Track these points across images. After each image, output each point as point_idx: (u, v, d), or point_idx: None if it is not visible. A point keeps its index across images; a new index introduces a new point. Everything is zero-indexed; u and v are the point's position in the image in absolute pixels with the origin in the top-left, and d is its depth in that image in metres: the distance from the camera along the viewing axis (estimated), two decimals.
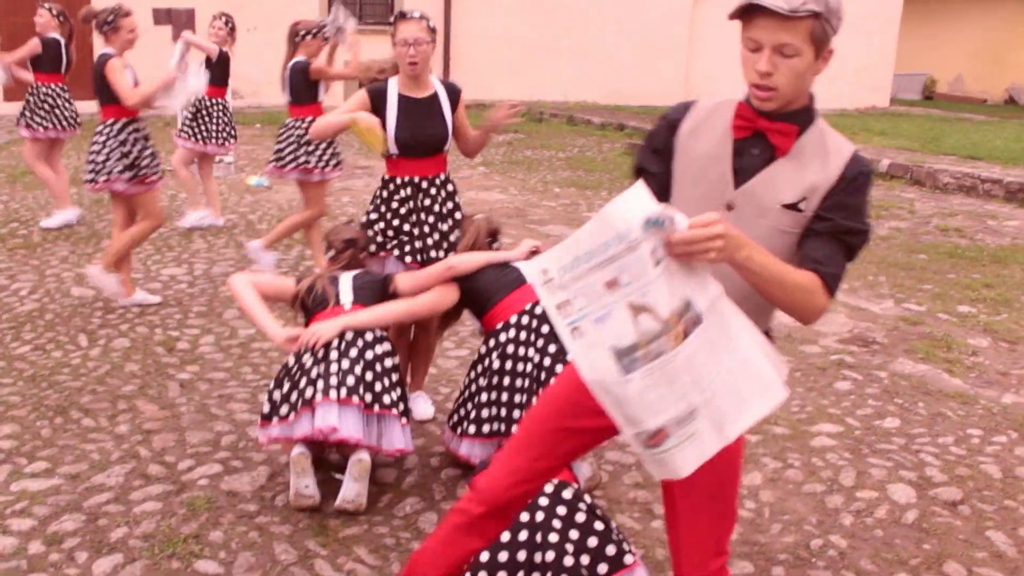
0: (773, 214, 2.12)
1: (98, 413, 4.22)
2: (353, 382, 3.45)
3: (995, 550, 3.46)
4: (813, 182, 2.11)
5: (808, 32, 2.02)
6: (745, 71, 2.08)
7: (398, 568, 3.13)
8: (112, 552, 3.14)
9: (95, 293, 5.95)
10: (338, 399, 3.39)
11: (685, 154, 2.20)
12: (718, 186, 2.15)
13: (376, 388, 3.53)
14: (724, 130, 2.16)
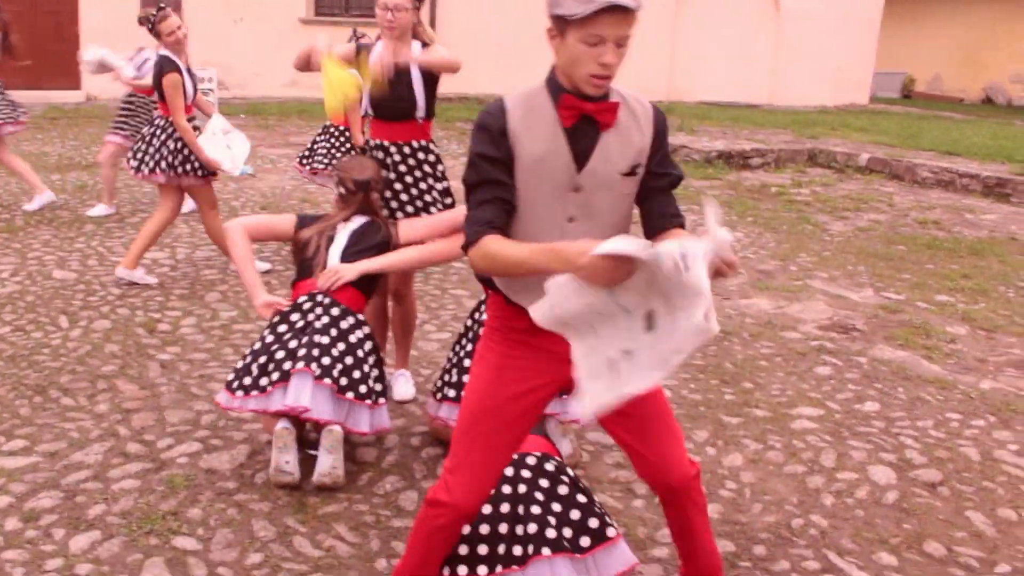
0: (616, 184, 2.32)
1: (77, 393, 4.18)
2: (329, 362, 3.42)
3: (974, 530, 3.48)
4: (638, 145, 2.33)
5: (634, 22, 2.19)
6: (581, 64, 2.19)
7: (378, 545, 3.12)
8: (90, 529, 3.11)
9: (77, 276, 5.90)
10: (313, 375, 3.37)
11: (524, 155, 2.27)
12: (564, 175, 2.28)
13: (354, 375, 3.49)
14: (552, 122, 2.27)
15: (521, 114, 2.27)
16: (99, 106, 14.70)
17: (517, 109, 2.27)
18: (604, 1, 2.08)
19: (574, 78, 2.23)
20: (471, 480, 2.39)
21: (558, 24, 2.19)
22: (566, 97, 2.25)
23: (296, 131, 13.06)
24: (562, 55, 2.23)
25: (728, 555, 3.20)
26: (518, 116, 2.26)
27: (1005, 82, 26.38)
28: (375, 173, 3.87)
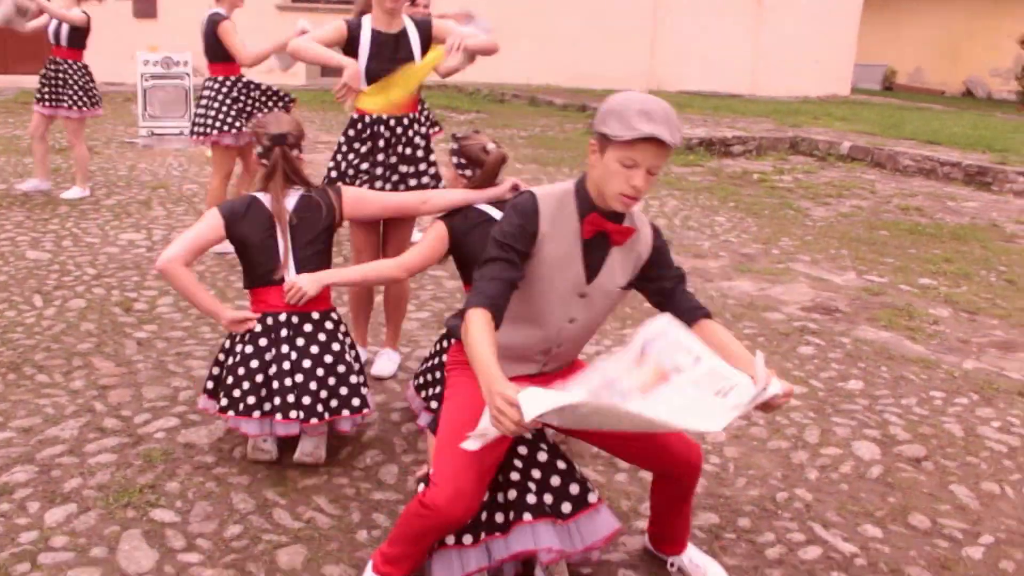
0: (614, 295, 2.62)
1: (52, 370, 4.11)
2: (310, 401, 3.28)
3: (958, 503, 3.47)
4: (637, 263, 2.61)
5: (668, 156, 2.38)
6: (614, 182, 2.37)
7: (359, 517, 3.07)
8: (65, 502, 3.05)
9: (51, 256, 5.82)
10: (298, 420, 3.26)
11: (546, 255, 2.48)
12: (573, 282, 2.54)
13: (341, 392, 3.36)
14: (574, 233, 2.50)
15: (550, 217, 2.47)
16: None
17: (548, 211, 2.47)
18: (647, 132, 2.26)
19: (604, 192, 2.42)
20: (457, 491, 2.40)
21: (601, 141, 2.39)
22: (594, 216, 2.48)
23: None
24: (598, 169, 2.41)
25: (712, 527, 3.18)
26: (547, 219, 2.47)
27: (985, 75, 26.54)
28: (293, 127, 3.49)
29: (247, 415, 3.25)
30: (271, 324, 3.35)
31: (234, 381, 3.30)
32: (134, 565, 2.73)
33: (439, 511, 2.40)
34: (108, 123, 11.60)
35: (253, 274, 3.41)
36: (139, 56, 9.91)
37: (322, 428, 3.35)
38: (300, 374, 3.30)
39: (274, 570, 2.75)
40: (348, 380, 3.38)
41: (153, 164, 9.11)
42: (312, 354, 3.34)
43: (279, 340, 3.34)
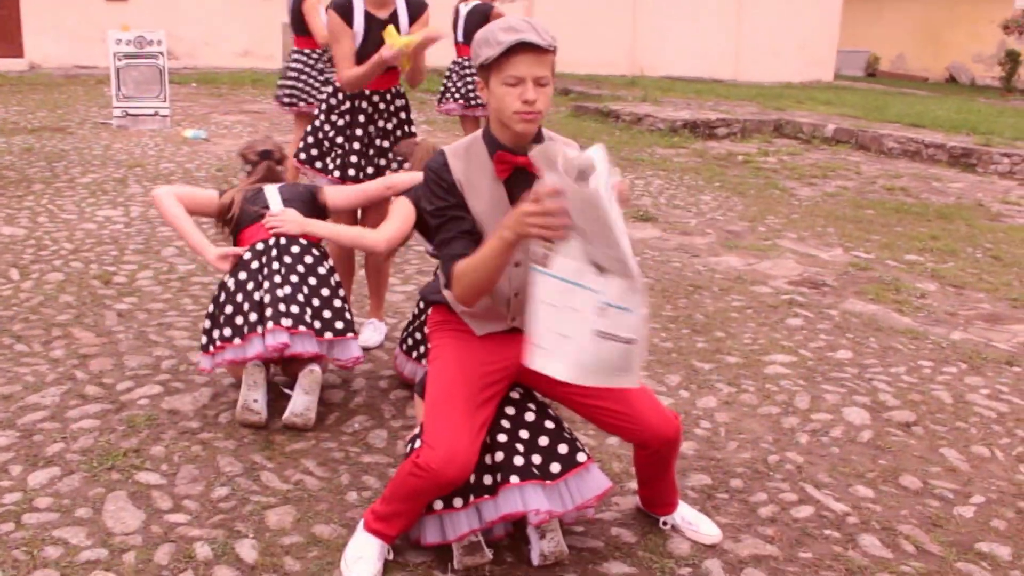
0: None
1: (31, 339, 4.04)
2: (298, 310, 3.33)
3: (948, 465, 3.46)
4: None
5: (552, 64, 2.37)
6: (507, 105, 2.35)
7: (348, 480, 3.03)
8: (48, 465, 2.99)
9: (27, 232, 5.73)
10: (287, 329, 3.27)
11: (472, 206, 2.46)
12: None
13: (324, 315, 3.42)
14: (491, 177, 2.47)
15: (463, 167, 2.45)
16: (43, 74, 14.40)
17: (458, 161, 2.45)
18: (510, 40, 2.27)
19: (504, 121, 2.39)
20: (450, 453, 2.38)
21: (483, 74, 2.38)
22: (499, 153, 2.44)
23: (250, 99, 12.86)
24: (491, 104, 2.40)
25: (705, 487, 3.15)
26: (460, 168, 2.45)
27: (968, 61, 26.63)
28: (275, 146, 3.94)
29: (251, 334, 3.28)
30: (260, 249, 3.48)
31: (234, 310, 3.36)
32: (120, 525, 2.68)
33: (433, 473, 2.37)
34: (81, 105, 11.47)
35: (242, 218, 3.59)
36: (111, 35, 9.76)
37: (317, 378, 3.32)
38: (288, 286, 3.38)
39: (263, 530, 2.70)
40: (332, 303, 3.45)
41: (128, 144, 8.99)
42: (298, 272, 3.45)
43: (269, 260, 3.44)
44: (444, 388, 2.51)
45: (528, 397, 2.73)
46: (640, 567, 2.67)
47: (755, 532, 2.90)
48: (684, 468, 3.26)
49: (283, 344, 3.24)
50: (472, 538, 2.55)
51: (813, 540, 2.89)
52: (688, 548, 2.78)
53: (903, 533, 2.97)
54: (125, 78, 9.61)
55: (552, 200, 2.03)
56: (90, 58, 15.40)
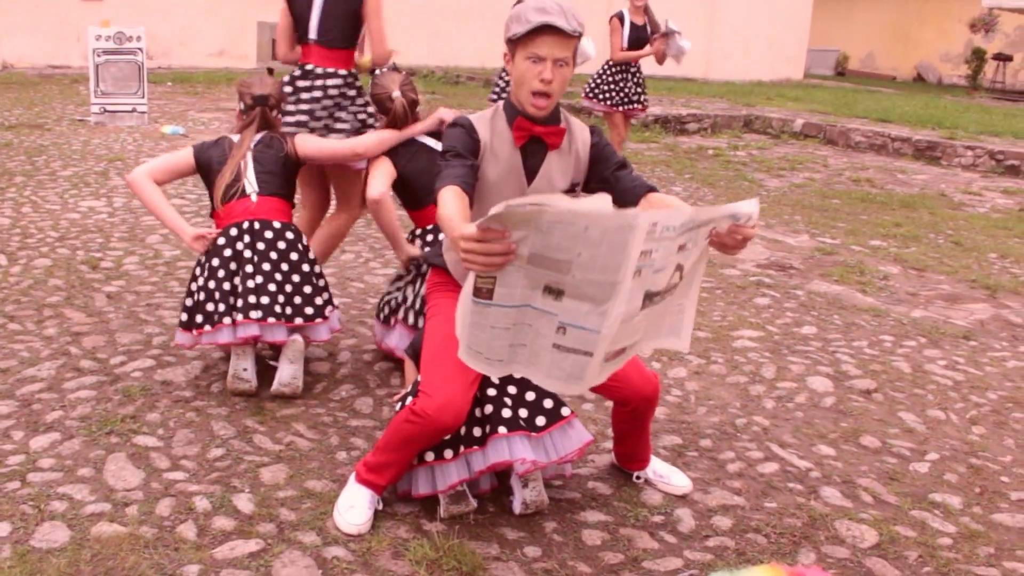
0: None
1: (24, 319, 4.16)
2: (268, 300, 3.43)
3: (906, 427, 3.65)
4: (576, 167, 2.69)
5: (574, 48, 2.50)
6: (525, 82, 2.50)
7: (337, 441, 3.18)
8: (49, 431, 3.12)
9: (11, 221, 5.82)
10: (257, 321, 3.40)
11: (489, 169, 2.60)
12: (516, 190, 2.62)
13: (295, 301, 3.51)
14: (510, 144, 2.61)
15: (487, 133, 2.60)
16: (16, 73, 14.37)
17: (483, 127, 2.60)
18: (538, 21, 2.41)
19: (520, 98, 2.56)
20: (447, 400, 2.53)
21: (510, 47, 2.52)
22: (519, 120, 2.58)
23: (226, 98, 12.90)
24: (514, 76, 2.55)
25: (676, 447, 3.32)
26: (484, 134, 2.59)
27: (935, 60, 27.04)
28: (275, 89, 3.85)
29: (220, 323, 3.39)
30: (234, 234, 3.54)
31: (206, 296, 3.46)
32: (121, 482, 2.82)
33: (429, 419, 2.52)
34: (57, 103, 11.50)
35: (218, 192, 3.62)
36: (91, 31, 9.81)
37: (299, 347, 3.46)
38: (260, 276, 3.47)
39: (258, 485, 2.85)
40: (302, 290, 3.55)
41: (107, 139, 9.06)
42: (271, 259, 3.52)
43: (243, 247, 3.52)
44: (440, 342, 2.64)
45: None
46: (615, 515, 2.84)
47: (723, 485, 3.08)
48: (656, 430, 3.43)
49: (253, 336, 3.40)
50: (459, 488, 2.70)
51: (778, 492, 3.07)
52: (660, 499, 2.95)
53: (862, 486, 3.15)
54: (104, 74, 9.68)
55: (498, 244, 1.86)
56: (65, 58, 15.41)
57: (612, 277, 1.87)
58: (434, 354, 2.64)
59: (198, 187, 7.05)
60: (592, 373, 2.06)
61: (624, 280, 1.87)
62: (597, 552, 2.64)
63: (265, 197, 3.62)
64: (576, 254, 1.84)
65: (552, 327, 1.98)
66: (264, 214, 3.58)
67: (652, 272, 1.95)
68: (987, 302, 5.49)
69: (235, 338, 3.40)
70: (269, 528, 2.64)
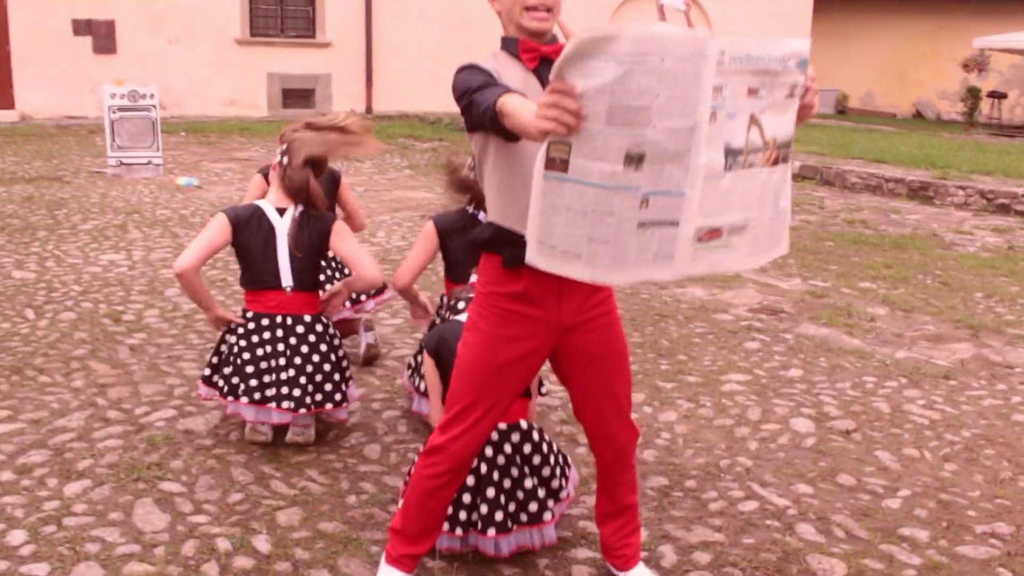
0: None
1: (53, 372, 4.43)
2: (300, 393, 3.62)
3: (881, 465, 3.88)
4: None
5: None
6: (517, 2, 2.39)
7: (347, 485, 3.43)
8: (80, 478, 3.38)
9: (36, 275, 6.12)
10: (289, 411, 3.62)
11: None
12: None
13: (326, 388, 3.70)
14: (521, 70, 2.44)
15: (496, 68, 2.41)
16: (35, 125, 14.79)
17: (489, 65, 2.41)
18: None
19: (516, 21, 2.41)
20: (466, 435, 2.57)
21: None
22: (523, 41, 2.42)
23: (238, 147, 13.28)
24: (502, 7, 2.43)
25: (662, 488, 3.56)
26: (495, 67, 2.41)
27: (933, 97, 27.42)
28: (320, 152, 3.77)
29: (246, 401, 3.60)
30: (267, 324, 3.68)
31: (233, 371, 3.66)
32: (149, 525, 3.07)
33: (446, 453, 2.57)
34: (74, 155, 11.87)
35: (252, 277, 3.72)
36: (106, 90, 10.21)
37: (309, 417, 3.72)
38: (292, 369, 3.65)
39: (275, 527, 3.10)
40: (332, 378, 3.74)
41: (124, 192, 9.40)
42: (302, 353, 3.69)
43: (275, 339, 3.68)
44: (465, 379, 2.58)
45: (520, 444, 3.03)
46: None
47: (705, 523, 3.32)
48: (644, 472, 3.67)
49: (283, 423, 3.65)
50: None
51: (756, 528, 3.30)
52: (646, 536, 3.19)
53: (836, 522, 3.39)
54: (119, 130, 10.05)
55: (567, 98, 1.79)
56: (80, 109, 15.84)
57: (690, 121, 1.81)
58: (462, 387, 2.59)
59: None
60: (683, 251, 1.93)
61: (702, 122, 1.83)
62: None
63: (299, 292, 3.72)
64: (655, 95, 1.76)
65: (635, 204, 1.85)
66: (296, 309, 3.71)
67: (726, 116, 1.88)
68: (970, 341, 5.73)
69: (264, 419, 3.63)
70: (285, 567, 2.88)
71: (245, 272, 3.76)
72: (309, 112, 17.53)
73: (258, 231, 3.67)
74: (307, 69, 17.76)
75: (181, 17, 16.48)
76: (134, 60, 16.09)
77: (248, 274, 3.75)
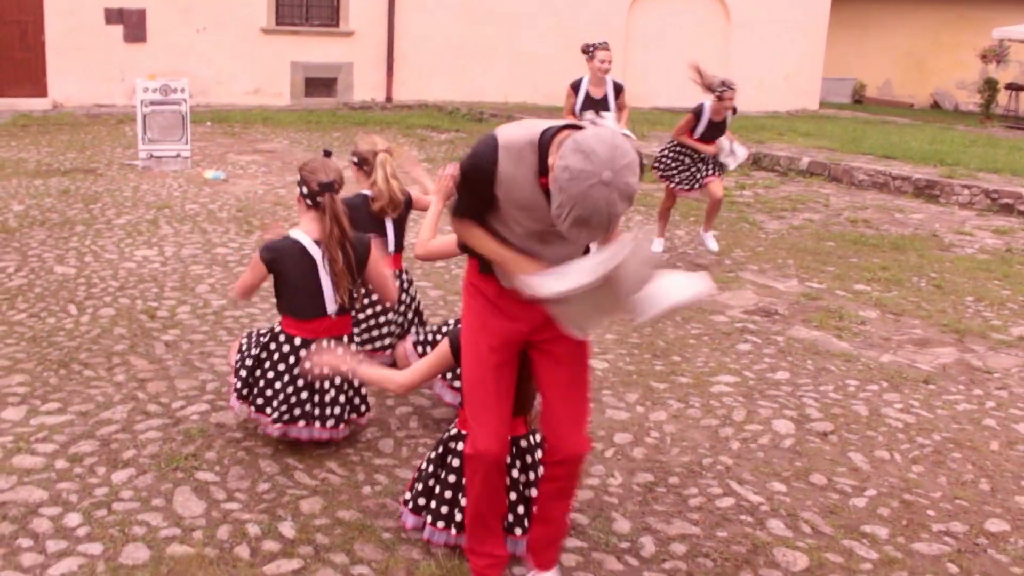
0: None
1: (96, 366, 4.84)
2: (340, 411, 3.95)
3: (853, 466, 4.24)
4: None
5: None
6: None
7: (363, 477, 3.82)
8: (126, 467, 3.79)
9: (76, 271, 6.54)
10: (330, 428, 3.94)
11: (509, 196, 2.70)
12: (542, 222, 2.71)
13: (355, 402, 4.04)
14: (534, 182, 2.66)
15: (512, 163, 2.64)
16: (66, 113, 15.24)
17: (508, 158, 2.64)
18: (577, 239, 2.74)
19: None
20: (484, 428, 2.90)
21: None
22: (544, 179, 2.64)
23: (262, 138, 13.66)
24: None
25: (647, 483, 3.93)
26: (508, 164, 2.64)
27: (951, 87, 27.51)
28: (337, 175, 3.93)
29: (295, 423, 3.89)
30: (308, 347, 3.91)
31: (284, 397, 3.88)
32: (187, 511, 3.47)
33: (482, 455, 2.89)
34: (106, 146, 12.30)
35: (294, 305, 3.92)
36: (139, 83, 10.61)
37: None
38: (334, 390, 3.96)
39: (298, 514, 3.50)
40: (360, 391, 4.09)
41: (155, 185, 9.80)
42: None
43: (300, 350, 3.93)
44: (469, 375, 2.97)
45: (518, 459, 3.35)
46: (589, 541, 3.46)
47: (684, 517, 3.69)
48: (632, 468, 4.05)
49: (324, 440, 3.97)
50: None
51: (730, 523, 3.67)
52: (628, 527, 3.57)
53: (804, 518, 3.75)
54: (151, 123, 10.46)
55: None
56: (109, 97, 16.28)
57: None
58: (468, 391, 2.99)
59: (240, 235, 7.76)
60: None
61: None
62: (571, 572, 3.26)
63: (341, 316, 3.97)
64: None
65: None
66: (338, 331, 3.96)
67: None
68: (954, 346, 6.05)
69: (311, 436, 3.94)
70: (308, 550, 3.28)
71: (286, 300, 3.95)
72: (331, 101, 17.92)
73: (300, 262, 3.87)
74: (330, 58, 18.12)
75: (209, 6, 16.87)
76: (163, 49, 16.50)
77: (289, 302, 3.94)
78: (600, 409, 4.64)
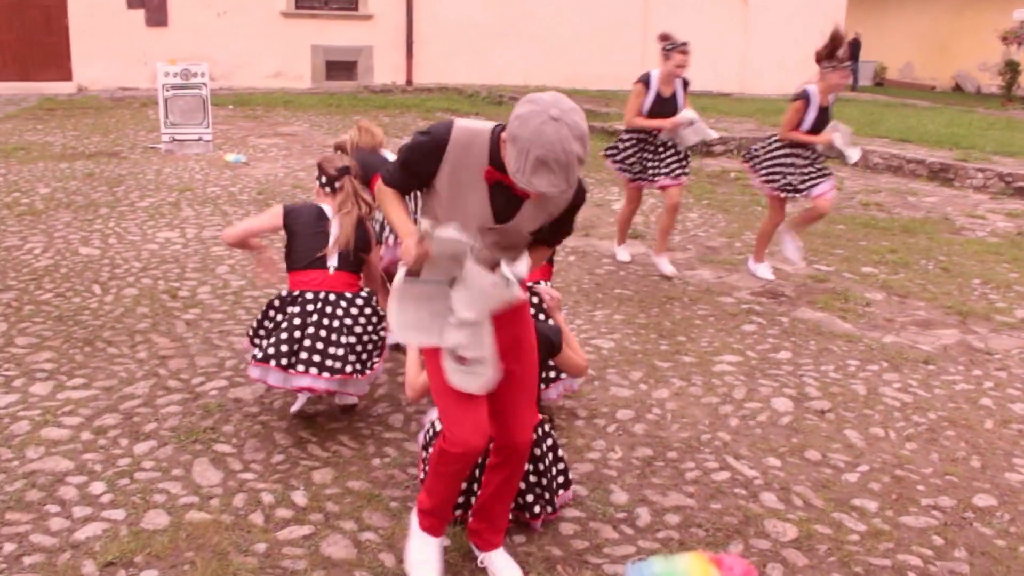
0: (520, 238, 2.91)
1: (120, 344, 5.03)
2: (340, 364, 4.01)
3: (847, 443, 4.37)
4: (549, 215, 2.89)
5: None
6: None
7: (373, 449, 3.99)
8: (148, 439, 3.98)
9: (100, 252, 6.74)
10: (332, 375, 4.01)
11: (451, 176, 2.80)
12: (479, 217, 2.82)
13: (363, 357, 4.13)
14: (478, 171, 2.78)
15: (462, 147, 2.77)
16: (91, 96, 15.49)
17: (460, 141, 2.77)
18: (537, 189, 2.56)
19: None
20: (465, 424, 2.86)
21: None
22: (489, 170, 2.77)
23: (283, 121, 13.85)
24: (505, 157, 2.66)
25: (646, 457, 4.09)
26: (458, 146, 2.77)
27: (973, 70, 27.39)
28: (353, 163, 4.38)
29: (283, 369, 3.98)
30: (310, 297, 4.09)
31: (288, 347, 4.01)
32: (206, 480, 3.66)
33: (459, 454, 2.86)
34: (129, 129, 12.52)
35: (298, 257, 4.17)
36: (160, 68, 10.81)
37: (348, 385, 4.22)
38: (334, 342, 4.05)
39: (311, 483, 3.67)
40: (371, 350, 4.18)
41: (177, 168, 10.01)
42: (346, 324, 4.09)
43: (323, 310, 4.06)
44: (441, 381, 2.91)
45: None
46: (587, 511, 3.62)
47: (680, 489, 3.84)
48: (633, 443, 4.20)
49: (326, 391, 4.06)
50: None
51: (724, 496, 3.82)
52: (626, 498, 3.72)
53: (796, 492, 3.89)
54: (172, 107, 10.65)
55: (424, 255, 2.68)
56: (132, 81, 16.53)
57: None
58: (438, 394, 2.95)
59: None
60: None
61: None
62: (569, 540, 3.42)
63: (340, 272, 4.17)
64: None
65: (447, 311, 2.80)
66: (338, 287, 4.11)
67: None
68: (957, 327, 6.16)
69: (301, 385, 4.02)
70: (318, 517, 3.45)
71: (292, 255, 4.22)
72: (352, 84, 18.07)
73: (311, 218, 4.23)
74: (350, 41, 18.29)
75: None
76: (184, 33, 16.71)
77: (294, 255, 4.21)
78: (604, 387, 4.80)
